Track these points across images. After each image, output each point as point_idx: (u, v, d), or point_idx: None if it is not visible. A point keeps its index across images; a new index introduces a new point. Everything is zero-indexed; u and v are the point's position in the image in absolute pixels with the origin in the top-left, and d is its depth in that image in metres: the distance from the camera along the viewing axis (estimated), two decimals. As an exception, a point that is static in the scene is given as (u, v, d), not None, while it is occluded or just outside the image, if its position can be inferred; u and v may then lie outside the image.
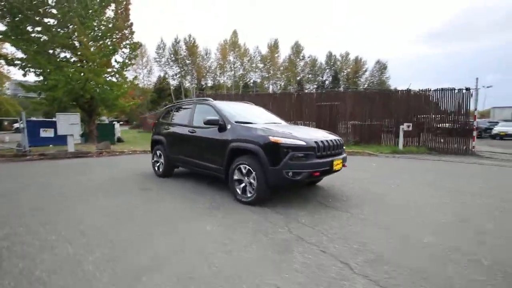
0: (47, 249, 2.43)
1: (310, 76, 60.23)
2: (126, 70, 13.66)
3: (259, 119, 4.75)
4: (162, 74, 49.40)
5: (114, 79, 12.86)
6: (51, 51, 10.95)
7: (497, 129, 20.25)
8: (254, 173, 3.68)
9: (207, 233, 2.78)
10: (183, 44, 48.58)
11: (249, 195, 3.78)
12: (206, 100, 5.06)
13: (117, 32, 12.32)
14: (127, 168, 6.78)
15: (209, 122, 4.29)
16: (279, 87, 57.62)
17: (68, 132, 9.29)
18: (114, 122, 17.29)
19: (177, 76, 49.53)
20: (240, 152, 3.96)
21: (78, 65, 11.14)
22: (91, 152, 9.69)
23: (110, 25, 12.08)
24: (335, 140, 4.00)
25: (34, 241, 2.58)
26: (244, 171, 3.83)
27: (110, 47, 11.62)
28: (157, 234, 2.74)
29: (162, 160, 5.60)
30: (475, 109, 11.79)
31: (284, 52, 61.09)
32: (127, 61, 13.16)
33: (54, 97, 10.45)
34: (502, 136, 19.58)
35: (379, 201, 3.97)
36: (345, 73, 63.11)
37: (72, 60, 11.51)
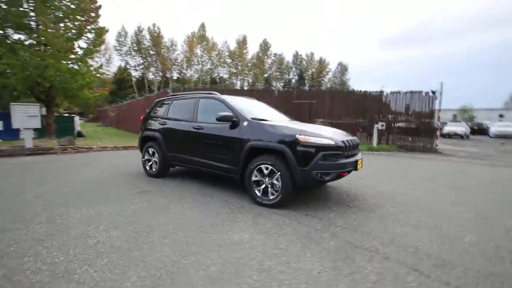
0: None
1: (277, 74, 61.06)
2: (90, 58, 12.27)
3: (271, 116, 4.51)
4: (123, 64, 45.83)
5: (76, 67, 11.43)
6: (0, 31, 9.28)
7: (447, 129, 22.63)
8: (278, 173, 3.44)
9: (248, 243, 2.48)
10: (147, 33, 45.56)
11: (271, 197, 3.53)
12: (211, 94, 4.64)
13: (81, 14, 10.93)
14: (108, 168, 6.01)
15: (222, 118, 3.92)
16: (247, 83, 57.43)
17: (26, 126, 8.01)
18: (73, 115, 15.47)
19: (140, 67, 46.40)
20: (260, 151, 3.68)
21: (37, 49, 9.62)
22: (53, 149, 8.47)
23: (73, 6, 10.66)
24: (354, 139, 3.94)
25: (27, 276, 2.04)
26: (265, 171, 3.56)
27: (74, 31, 10.26)
28: (188, 254, 2.36)
29: (155, 158, 5.05)
30: (439, 111, 12.94)
31: (253, 49, 60.90)
32: (91, 47, 11.79)
33: (5, 84, 8.88)
34: (451, 135, 21.99)
35: (394, 199, 4.01)
36: (310, 73, 65.23)
37: (27, 43, 9.90)
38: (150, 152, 5.17)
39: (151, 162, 5.18)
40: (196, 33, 49.00)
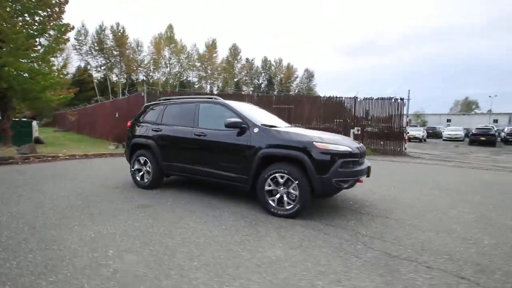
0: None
1: (246, 78, 61.41)
2: (53, 57, 11.10)
3: (275, 122, 4.39)
4: (82, 65, 42.48)
5: (36, 66, 10.22)
6: None
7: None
8: (295, 182, 3.31)
9: (286, 261, 2.31)
10: (110, 33, 42.86)
11: (288, 207, 3.39)
12: (212, 98, 4.40)
13: (43, 8, 9.83)
14: (86, 179, 5.38)
15: (232, 125, 3.71)
16: (216, 87, 56.82)
17: (-22, 133, 6.88)
18: (31, 120, 13.83)
19: (102, 68, 43.40)
20: (273, 159, 3.53)
21: (-10, 44, 8.41)
22: (13, 158, 7.42)
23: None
24: (362, 146, 3.98)
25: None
26: (281, 180, 3.42)
27: (35, 26, 9.18)
28: (228, 280, 2.12)
29: (148, 168, 4.62)
30: (407, 116, 13.92)
31: (222, 53, 60.61)
32: (54, 45, 10.66)
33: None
34: (411, 139, 23.86)
35: (398, 203, 4.12)
36: (278, 78, 66.70)
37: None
38: (142, 161, 4.72)
39: (142, 172, 4.73)
40: (163, 35, 47.35)
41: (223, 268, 2.18)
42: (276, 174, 3.44)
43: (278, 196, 3.46)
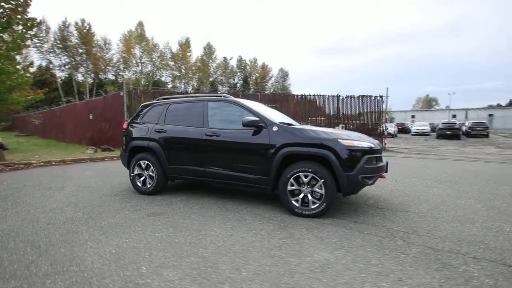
0: None
1: (222, 78, 60.73)
2: (18, 54, 10.03)
3: (290, 121, 4.29)
4: (44, 64, 39.10)
5: (-2, 64, 9.15)
6: None
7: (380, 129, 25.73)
8: (321, 181, 3.23)
9: (338, 264, 2.21)
10: (74, 29, 39.90)
11: (313, 206, 3.29)
12: (221, 96, 4.17)
13: (6, 0, 8.81)
14: (76, 187, 4.88)
15: (250, 124, 3.54)
16: (191, 87, 55.45)
17: None
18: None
19: (67, 67, 40.30)
20: (295, 158, 3.42)
21: None
22: (-22, 168, 6.55)
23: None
24: (379, 142, 4.00)
25: None
26: (305, 179, 3.31)
27: (2, 20, 8.20)
28: (285, 287, 1.98)
29: (151, 172, 4.28)
30: (386, 113, 14.56)
31: (196, 52, 59.09)
32: (19, 41, 9.62)
33: None
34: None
35: (409, 197, 4.22)
36: (254, 78, 66.88)
37: None
38: (143, 166, 4.36)
39: (143, 177, 4.37)
40: (133, 32, 45.15)
41: (277, 276, 2.02)
42: (300, 173, 3.33)
43: (301, 195, 3.36)
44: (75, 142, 14.74)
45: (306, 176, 3.31)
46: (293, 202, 3.39)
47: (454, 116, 51.36)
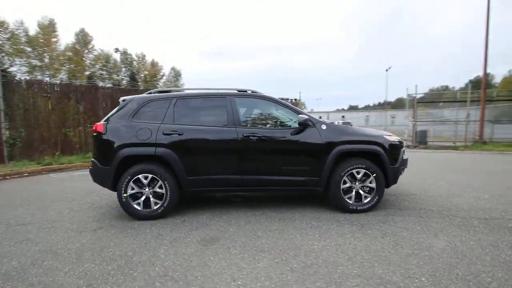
0: None
1: (104, 72, 51.80)
2: None
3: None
4: None
5: None
6: None
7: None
8: (372, 176, 3.37)
9: (469, 251, 2.40)
10: None
11: (365, 201, 3.40)
12: (247, 92, 3.62)
13: None
14: (26, 225, 3.06)
15: (305, 123, 3.29)
16: (59, 81, 44.25)
17: None
18: None
19: None
20: (347, 155, 3.41)
21: None
22: None
23: None
24: None
25: None
26: (357, 176, 3.37)
27: None
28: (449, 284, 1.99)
29: (159, 188, 3.22)
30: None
31: (66, 39, 47.33)
32: None
33: None
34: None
35: (416, 194, 4.21)
36: (143, 75, 60.87)
37: None
38: (144, 181, 3.21)
39: (143, 197, 3.23)
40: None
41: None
42: (353, 171, 3.36)
43: (353, 192, 3.40)
44: None
45: (358, 173, 3.37)
46: (346, 199, 3.38)
47: (319, 117, 63.64)
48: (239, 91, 3.62)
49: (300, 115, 3.34)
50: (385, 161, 3.40)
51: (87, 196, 4.47)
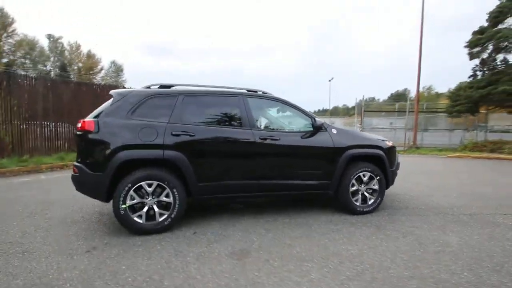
0: None
1: (27, 61, 44.25)
2: None
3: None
4: None
5: None
6: None
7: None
8: (376, 178, 3.55)
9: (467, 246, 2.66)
10: None
11: (370, 202, 3.56)
12: (257, 92, 3.45)
13: None
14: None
15: (320, 126, 3.30)
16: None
17: None
18: None
19: None
20: (356, 159, 3.51)
21: None
22: None
23: None
24: None
25: None
26: (364, 178, 3.51)
27: None
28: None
29: (166, 197, 2.81)
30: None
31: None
32: None
33: None
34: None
35: (412, 197, 4.35)
36: (76, 67, 54.15)
37: None
38: (148, 190, 2.75)
39: (145, 208, 2.77)
40: None
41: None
42: (360, 174, 3.48)
43: (360, 194, 3.52)
44: None
45: (364, 176, 3.51)
46: (354, 202, 3.48)
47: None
48: (249, 90, 3.42)
49: (317, 119, 3.32)
50: (386, 164, 3.61)
51: (49, 208, 3.68)
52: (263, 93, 3.47)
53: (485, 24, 13.32)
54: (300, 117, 3.47)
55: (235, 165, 3.09)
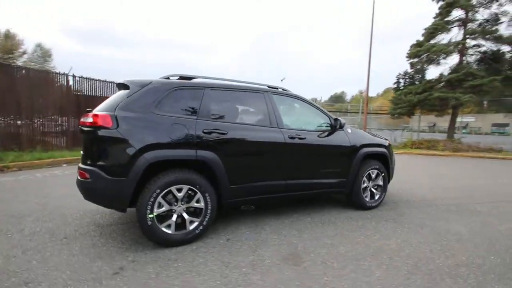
0: None
1: None
2: None
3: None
4: None
5: None
6: None
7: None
8: (382, 174, 3.81)
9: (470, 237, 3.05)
10: None
11: (377, 197, 3.80)
12: (278, 89, 3.33)
13: None
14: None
15: (341, 125, 3.37)
16: None
17: None
18: None
19: None
20: (367, 157, 3.69)
21: None
22: None
23: None
24: None
25: None
26: (372, 176, 3.73)
27: None
28: None
29: (197, 203, 2.52)
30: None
31: None
32: None
33: None
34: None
35: (418, 195, 4.65)
36: (-12, 49, 45.09)
37: None
38: (178, 195, 2.43)
39: (174, 216, 2.45)
40: None
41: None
42: (370, 171, 3.69)
43: (369, 190, 3.73)
44: None
45: (373, 173, 3.73)
46: (364, 198, 3.66)
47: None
48: (269, 87, 3.29)
49: (338, 118, 3.39)
50: (389, 161, 3.90)
51: (23, 223, 2.97)
52: (283, 89, 3.38)
53: (421, 38, 15.44)
54: (319, 116, 3.49)
55: (265, 165, 2.95)
